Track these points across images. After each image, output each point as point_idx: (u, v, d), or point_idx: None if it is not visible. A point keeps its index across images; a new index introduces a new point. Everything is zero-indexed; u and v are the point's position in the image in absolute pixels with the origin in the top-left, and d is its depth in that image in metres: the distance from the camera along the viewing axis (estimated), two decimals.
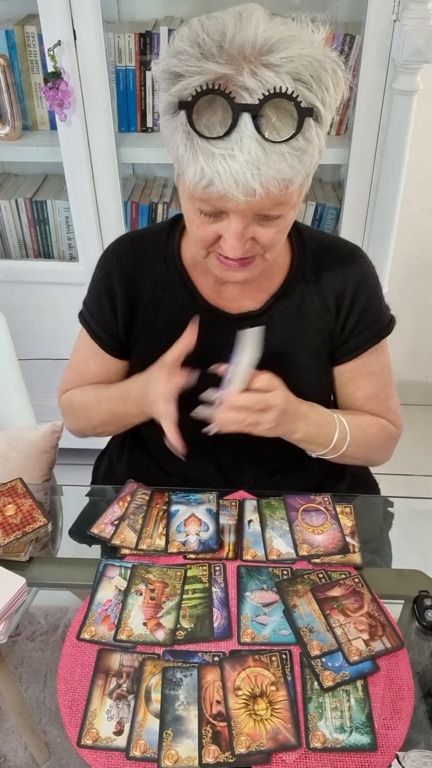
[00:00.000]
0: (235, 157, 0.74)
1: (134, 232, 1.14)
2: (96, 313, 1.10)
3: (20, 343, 1.43)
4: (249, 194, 0.77)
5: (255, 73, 0.73)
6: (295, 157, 0.76)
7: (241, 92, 0.73)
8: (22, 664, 0.85)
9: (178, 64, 0.76)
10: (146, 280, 1.07)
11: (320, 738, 0.74)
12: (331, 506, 1.02)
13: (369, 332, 1.07)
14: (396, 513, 1.13)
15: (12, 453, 1.31)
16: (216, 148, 0.75)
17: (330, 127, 0.83)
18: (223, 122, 0.74)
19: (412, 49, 1.42)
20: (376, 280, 1.08)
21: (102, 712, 0.77)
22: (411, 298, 2.26)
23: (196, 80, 0.74)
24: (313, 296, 1.05)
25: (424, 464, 2.24)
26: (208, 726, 0.75)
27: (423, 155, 1.95)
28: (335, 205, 1.84)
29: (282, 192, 0.78)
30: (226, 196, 0.78)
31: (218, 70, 0.74)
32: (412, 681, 0.81)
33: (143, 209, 1.88)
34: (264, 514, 1.01)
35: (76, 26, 1.48)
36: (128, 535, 0.98)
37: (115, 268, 1.08)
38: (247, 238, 0.85)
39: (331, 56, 0.78)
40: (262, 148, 0.74)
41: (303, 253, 1.05)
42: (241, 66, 0.74)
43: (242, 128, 0.73)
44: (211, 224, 0.85)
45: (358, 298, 1.05)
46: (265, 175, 0.75)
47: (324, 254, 1.06)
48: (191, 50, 0.76)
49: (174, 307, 1.06)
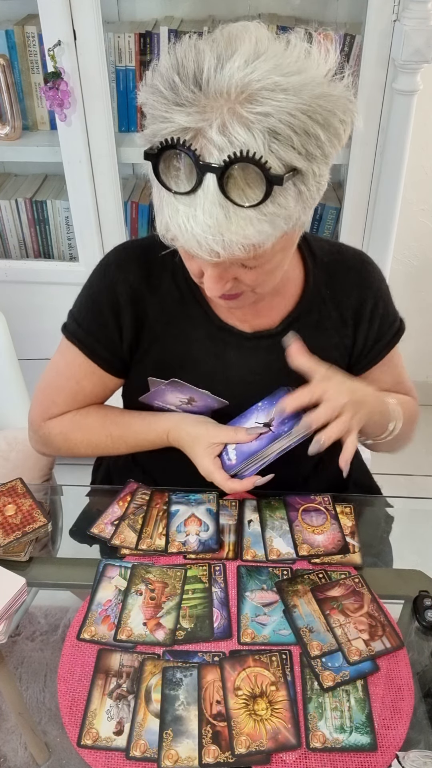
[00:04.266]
0: (198, 219, 0.69)
1: (135, 242, 1.05)
2: (94, 330, 1.01)
3: (20, 343, 1.43)
4: (212, 255, 0.72)
5: (225, 128, 0.67)
6: (265, 222, 0.70)
7: (209, 148, 0.67)
8: (22, 664, 0.85)
9: (152, 105, 0.71)
10: (154, 296, 1.00)
11: (320, 738, 0.74)
12: (331, 506, 1.02)
13: (387, 338, 1.07)
14: (396, 513, 1.13)
15: (12, 453, 1.31)
16: (180, 204, 0.70)
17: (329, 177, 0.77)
18: (189, 178, 0.69)
19: (412, 49, 1.42)
20: (386, 284, 1.08)
21: (102, 712, 0.77)
22: (411, 299, 2.26)
23: (165, 130, 0.69)
24: (330, 311, 1.02)
25: (424, 464, 2.24)
26: (208, 726, 0.75)
27: (423, 155, 1.95)
28: (335, 205, 1.84)
29: (249, 254, 0.73)
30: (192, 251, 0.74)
31: (186, 123, 0.68)
32: (412, 681, 0.81)
33: (143, 209, 1.88)
34: (264, 514, 1.01)
35: (76, 26, 1.48)
36: (128, 535, 0.98)
37: (120, 280, 0.99)
38: (228, 279, 0.81)
39: (332, 95, 0.70)
40: (225, 212, 0.69)
41: (315, 267, 1.01)
42: (212, 117, 0.67)
43: (206, 189, 0.68)
44: (194, 259, 0.81)
45: (377, 309, 1.04)
46: (228, 241, 0.70)
47: (335, 266, 1.03)
48: (165, 92, 0.70)
49: (185, 326, 1.00)
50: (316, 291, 1.01)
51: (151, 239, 1.05)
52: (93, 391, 1.07)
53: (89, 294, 1.03)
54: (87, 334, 1.02)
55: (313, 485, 1.11)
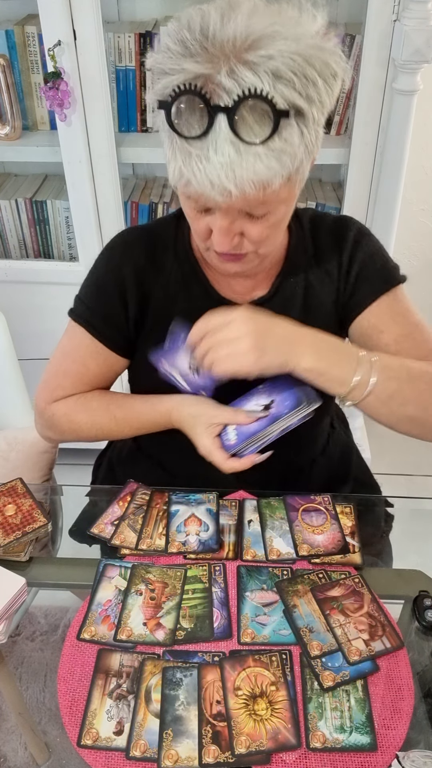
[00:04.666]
0: (210, 159, 0.75)
1: (139, 226, 1.11)
2: (100, 310, 1.05)
3: (20, 343, 1.43)
4: (224, 195, 0.77)
5: (233, 72, 0.73)
6: (273, 158, 0.75)
7: (218, 92, 0.73)
8: (22, 664, 0.85)
9: (162, 61, 0.77)
10: (159, 276, 1.04)
11: (320, 738, 0.74)
12: (331, 506, 1.02)
13: (377, 279, 1.03)
14: (396, 513, 1.13)
15: (12, 453, 1.31)
16: (193, 148, 0.75)
17: (329, 125, 0.82)
18: (200, 123, 0.75)
19: (412, 49, 1.42)
20: (372, 239, 1.07)
21: (102, 712, 0.77)
22: (411, 299, 2.26)
23: (176, 79, 0.75)
24: (314, 268, 1.05)
25: (424, 464, 2.24)
26: (208, 726, 0.75)
27: (423, 155, 1.95)
28: (335, 205, 1.84)
29: (260, 192, 0.78)
30: (204, 195, 0.78)
31: (196, 69, 0.74)
32: (412, 681, 0.81)
33: (143, 209, 1.88)
34: (264, 514, 1.01)
35: (76, 26, 1.48)
36: (128, 535, 0.98)
37: (126, 262, 1.04)
38: (235, 233, 0.86)
39: (324, 47, 0.77)
40: (236, 149, 0.74)
41: (301, 230, 1.05)
42: (219, 65, 0.73)
43: (217, 129, 0.74)
44: (203, 218, 0.86)
45: (356, 250, 1.04)
46: (239, 177, 0.75)
47: (317, 226, 1.06)
48: (174, 47, 0.76)
49: (188, 303, 1.04)
50: (301, 251, 1.04)
51: (153, 223, 1.11)
52: (99, 372, 1.09)
53: (95, 277, 1.07)
54: (93, 314, 1.05)
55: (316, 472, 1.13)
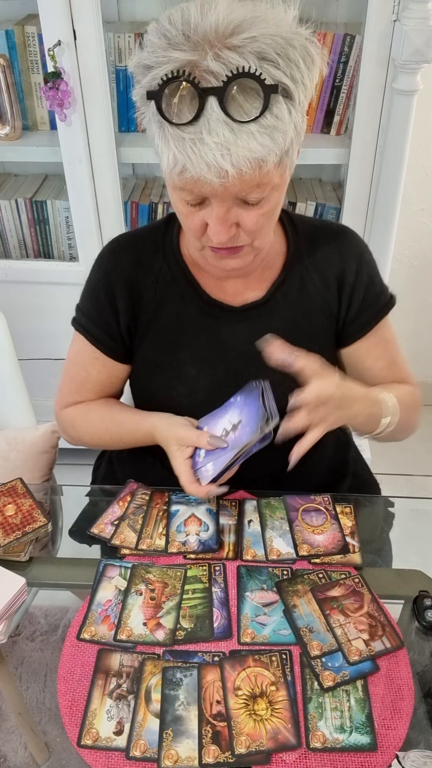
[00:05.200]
0: (204, 141, 0.75)
1: (129, 232, 1.13)
2: (95, 317, 1.08)
3: (20, 343, 1.43)
4: (222, 176, 0.77)
5: (219, 56, 0.74)
6: (266, 135, 0.76)
7: (206, 76, 0.74)
8: (22, 664, 0.85)
9: (147, 56, 0.78)
10: (147, 278, 1.06)
11: (320, 738, 0.74)
12: (331, 506, 1.02)
13: (377, 304, 1.08)
14: (396, 513, 1.13)
15: (12, 453, 1.31)
16: (186, 133, 0.76)
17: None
18: (191, 108, 0.75)
19: (412, 49, 1.42)
20: (370, 255, 1.10)
21: (102, 712, 0.77)
22: (411, 298, 2.26)
23: (163, 69, 0.76)
24: (312, 275, 1.06)
25: (424, 464, 2.24)
26: (208, 726, 0.75)
27: (423, 155, 1.95)
28: (335, 205, 1.84)
29: (255, 172, 0.78)
30: (201, 180, 0.78)
31: (183, 57, 0.75)
32: (412, 681, 0.81)
33: (143, 209, 1.88)
34: (264, 514, 1.01)
35: (76, 26, 1.48)
36: (128, 535, 0.98)
37: (114, 268, 1.06)
38: (231, 223, 0.86)
39: (301, 33, 0.78)
40: (230, 128, 0.75)
41: (296, 236, 1.06)
42: (205, 51, 0.75)
43: (209, 111, 0.75)
44: (197, 212, 0.86)
45: (360, 273, 1.06)
46: (235, 156, 0.76)
47: (316, 235, 1.07)
48: (158, 41, 0.78)
49: (177, 304, 1.06)
50: (298, 258, 1.06)
51: (143, 228, 1.12)
52: (99, 378, 1.12)
53: (89, 285, 1.10)
54: (88, 321, 1.09)
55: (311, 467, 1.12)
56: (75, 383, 1.14)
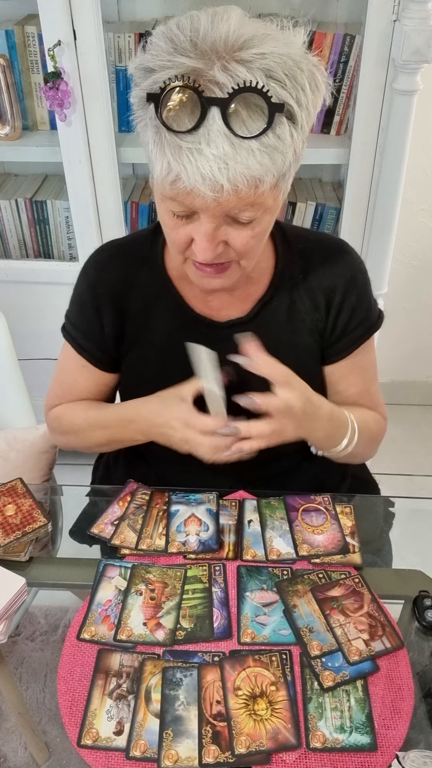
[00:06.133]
0: (202, 152, 0.73)
1: (116, 241, 1.11)
2: (81, 326, 1.07)
3: (20, 343, 1.43)
4: (216, 190, 0.75)
5: (226, 68, 0.72)
6: (266, 155, 0.74)
7: (211, 86, 0.72)
8: (22, 664, 0.85)
9: (150, 59, 0.76)
10: (133, 291, 1.04)
11: (320, 738, 0.74)
12: (331, 506, 1.02)
13: (361, 329, 1.06)
14: (396, 513, 1.13)
15: (12, 453, 1.31)
16: (184, 141, 0.73)
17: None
18: (191, 116, 0.73)
19: (412, 49, 1.42)
20: (365, 275, 1.07)
21: (102, 712, 0.77)
22: (411, 298, 2.26)
23: (167, 74, 0.73)
24: (303, 296, 1.03)
25: (424, 464, 2.24)
26: (208, 726, 0.75)
27: (423, 155, 1.95)
28: (335, 205, 1.84)
29: (251, 191, 0.76)
30: (194, 192, 0.76)
31: (189, 63, 0.73)
32: (412, 681, 0.81)
33: (143, 209, 1.88)
34: (264, 514, 1.01)
35: (76, 26, 1.48)
36: (128, 535, 0.98)
37: (99, 280, 1.05)
38: (219, 241, 0.83)
39: (309, 59, 0.77)
40: (231, 142, 0.72)
41: (289, 254, 1.03)
42: (212, 61, 0.73)
43: (210, 122, 0.72)
44: (184, 226, 0.83)
45: (348, 296, 1.03)
46: (232, 171, 0.73)
47: (311, 252, 1.04)
48: (164, 45, 0.75)
49: (163, 318, 1.04)
50: (287, 276, 1.03)
51: (131, 237, 1.11)
52: (86, 386, 1.12)
53: (75, 295, 1.09)
54: (76, 330, 1.08)
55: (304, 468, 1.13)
56: (62, 388, 1.14)
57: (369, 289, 1.08)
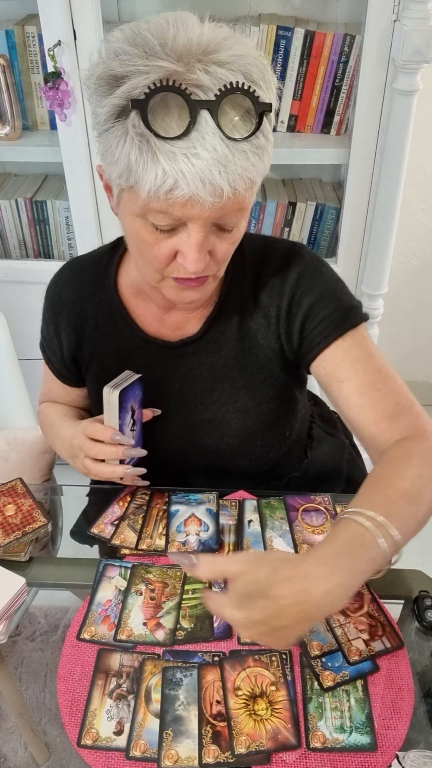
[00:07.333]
0: (200, 156, 0.70)
1: (77, 259, 1.10)
2: (47, 342, 1.10)
3: (20, 343, 1.43)
4: (216, 194, 0.72)
5: (207, 70, 0.70)
6: (257, 155, 0.73)
7: (195, 90, 0.70)
8: (22, 664, 0.85)
9: (119, 66, 0.72)
10: (89, 310, 1.04)
11: (320, 738, 0.74)
12: (331, 506, 1.02)
13: (328, 324, 0.94)
14: None
15: (12, 453, 1.31)
16: (176, 148, 0.70)
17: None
18: (179, 121, 0.70)
19: (412, 49, 1.42)
20: (319, 270, 0.97)
21: (102, 712, 0.77)
22: (411, 298, 2.26)
23: (145, 79, 0.70)
24: (253, 311, 0.98)
25: None
26: (208, 726, 0.75)
27: (423, 155, 1.95)
28: (335, 205, 1.84)
29: (246, 193, 0.75)
30: (192, 200, 0.72)
31: (168, 66, 0.70)
32: (412, 681, 0.81)
33: None
34: (264, 514, 1.01)
35: (76, 26, 1.48)
36: (128, 535, 0.98)
37: (57, 301, 1.06)
38: (207, 250, 0.80)
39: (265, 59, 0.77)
40: (225, 145, 0.71)
41: (242, 268, 0.98)
42: (191, 63, 0.70)
43: (203, 125, 0.70)
44: (167, 240, 0.79)
45: (300, 295, 0.95)
46: (231, 173, 0.71)
47: (261, 266, 0.98)
48: (132, 50, 0.72)
49: (115, 338, 1.03)
50: (236, 291, 0.98)
51: (93, 254, 1.09)
52: (61, 394, 1.17)
53: (43, 311, 1.10)
54: (47, 346, 1.11)
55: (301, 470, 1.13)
56: (44, 390, 1.20)
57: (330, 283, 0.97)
